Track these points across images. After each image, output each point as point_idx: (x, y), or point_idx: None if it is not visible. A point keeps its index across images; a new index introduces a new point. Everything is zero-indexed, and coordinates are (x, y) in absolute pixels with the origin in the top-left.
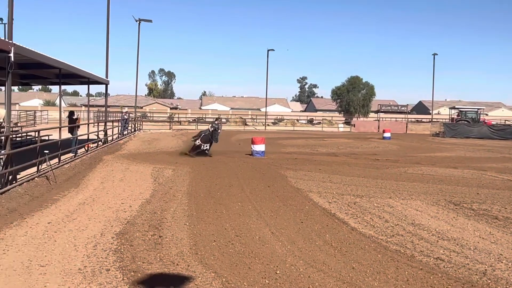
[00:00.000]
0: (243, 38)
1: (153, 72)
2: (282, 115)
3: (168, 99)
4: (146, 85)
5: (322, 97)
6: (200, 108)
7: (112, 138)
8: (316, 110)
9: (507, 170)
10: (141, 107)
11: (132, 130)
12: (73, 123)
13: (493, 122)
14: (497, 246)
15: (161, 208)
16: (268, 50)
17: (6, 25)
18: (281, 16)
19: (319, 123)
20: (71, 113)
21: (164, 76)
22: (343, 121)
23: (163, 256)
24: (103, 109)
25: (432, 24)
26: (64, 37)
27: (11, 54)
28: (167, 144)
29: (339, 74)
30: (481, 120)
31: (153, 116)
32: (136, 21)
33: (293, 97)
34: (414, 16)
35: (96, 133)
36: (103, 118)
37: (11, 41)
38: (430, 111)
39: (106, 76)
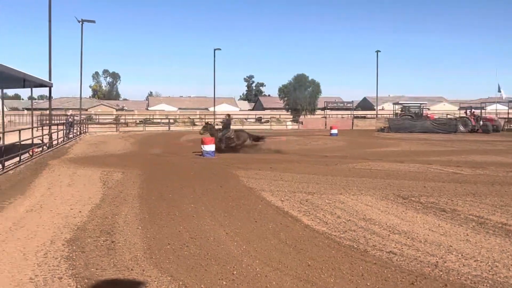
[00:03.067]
0: (189, 38)
1: (97, 73)
2: (230, 114)
3: (114, 101)
4: (90, 87)
5: (269, 95)
6: (147, 109)
7: (58, 142)
8: (264, 109)
9: (451, 163)
10: (86, 109)
11: (78, 133)
12: None
13: (435, 116)
14: (446, 238)
15: (112, 213)
16: (214, 50)
17: None
18: (227, 16)
19: (268, 121)
20: None
21: (108, 77)
22: (291, 119)
23: (117, 262)
24: (47, 112)
25: (373, 19)
26: (3, 40)
27: None
28: (115, 146)
29: (285, 72)
30: (424, 114)
31: (98, 118)
32: (79, 22)
33: (240, 96)
34: (356, 13)
35: (41, 137)
36: (47, 122)
37: None
38: (375, 107)
39: (49, 79)
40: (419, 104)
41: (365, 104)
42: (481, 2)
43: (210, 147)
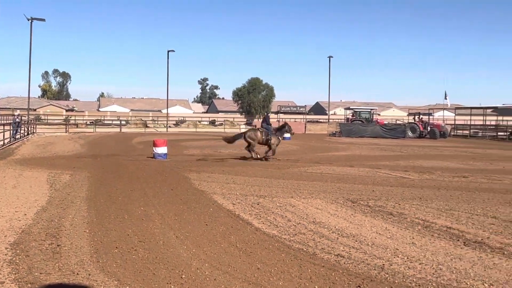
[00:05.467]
0: (142, 38)
1: (46, 73)
2: (184, 117)
3: (64, 101)
4: (39, 86)
5: (223, 98)
6: (98, 110)
7: (4, 143)
8: (218, 111)
9: (399, 168)
10: (35, 110)
11: (25, 133)
12: None
13: (385, 122)
14: (393, 241)
15: (59, 216)
16: (168, 51)
17: None
18: (181, 16)
19: (221, 124)
20: None
21: (58, 77)
22: (245, 122)
23: (62, 266)
24: None
25: (326, 24)
26: None
27: None
28: (64, 148)
29: (239, 76)
30: (374, 120)
31: (47, 119)
32: (28, 20)
33: (194, 98)
34: (308, 16)
35: None
36: None
37: None
38: (327, 112)
39: None
40: (369, 110)
41: (318, 109)
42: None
43: (162, 149)
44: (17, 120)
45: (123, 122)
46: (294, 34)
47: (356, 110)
